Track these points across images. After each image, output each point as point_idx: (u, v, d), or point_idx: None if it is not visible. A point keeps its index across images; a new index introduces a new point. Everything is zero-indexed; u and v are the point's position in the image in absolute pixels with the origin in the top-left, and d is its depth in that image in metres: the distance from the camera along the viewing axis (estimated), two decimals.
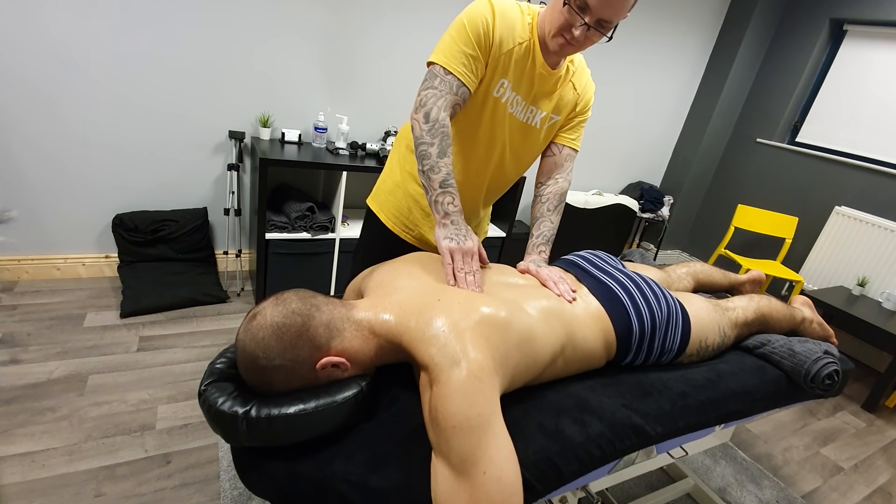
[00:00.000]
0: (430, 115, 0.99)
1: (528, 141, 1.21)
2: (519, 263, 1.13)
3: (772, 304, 1.29)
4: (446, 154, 0.99)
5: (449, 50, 1.01)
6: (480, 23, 1.01)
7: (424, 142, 0.99)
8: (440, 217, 0.98)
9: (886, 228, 2.99)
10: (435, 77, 1.02)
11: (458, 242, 0.95)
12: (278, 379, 0.76)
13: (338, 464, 0.72)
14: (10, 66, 1.93)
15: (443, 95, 1.00)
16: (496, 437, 0.68)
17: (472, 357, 0.72)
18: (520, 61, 1.08)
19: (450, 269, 0.92)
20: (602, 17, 0.94)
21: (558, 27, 0.99)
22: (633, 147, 3.80)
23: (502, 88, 1.10)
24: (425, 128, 0.99)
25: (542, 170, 1.30)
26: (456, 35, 1.02)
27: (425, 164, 0.99)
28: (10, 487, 1.29)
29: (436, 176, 0.98)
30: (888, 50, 3.18)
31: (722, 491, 1.73)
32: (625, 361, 1.04)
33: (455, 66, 1.01)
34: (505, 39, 1.05)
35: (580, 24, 0.95)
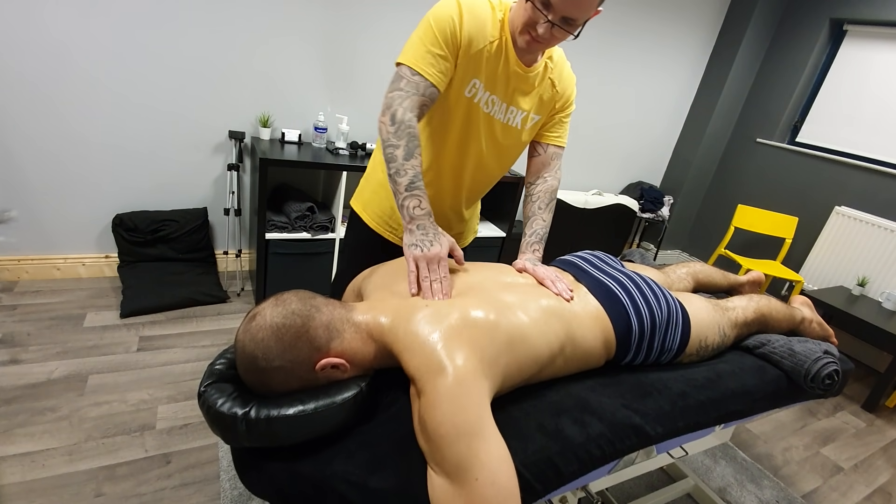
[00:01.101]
0: (395, 116, 0.97)
1: (508, 141, 1.19)
2: (515, 262, 1.13)
3: (771, 304, 1.29)
4: (413, 156, 0.96)
5: (416, 50, 0.99)
6: (447, 22, 0.99)
7: (391, 144, 0.97)
8: (406, 222, 0.95)
9: (886, 228, 2.99)
10: (401, 78, 0.99)
11: (423, 249, 0.92)
12: (278, 380, 0.76)
13: (337, 464, 0.72)
14: (10, 67, 1.93)
15: (409, 96, 0.98)
16: (486, 441, 0.68)
17: (457, 364, 0.71)
18: (492, 60, 1.05)
19: (413, 278, 0.89)
20: (566, 15, 0.92)
21: (523, 24, 0.98)
22: (633, 147, 3.80)
23: (474, 89, 1.07)
24: (391, 130, 0.97)
25: (531, 170, 1.29)
26: (423, 35, 0.99)
27: (391, 167, 0.96)
28: (10, 487, 1.29)
29: (402, 179, 0.95)
30: (888, 50, 3.18)
31: (722, 491, 1.73)
32: (624, 361, 1.04)
33: (422, 66, 0.99)
34: (475, 38, 1.02)
35: (544, 21, 0.93)
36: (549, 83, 1.17)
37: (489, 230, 3.01)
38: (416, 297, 0.88)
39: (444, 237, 0.95)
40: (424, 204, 0.96)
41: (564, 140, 1.28)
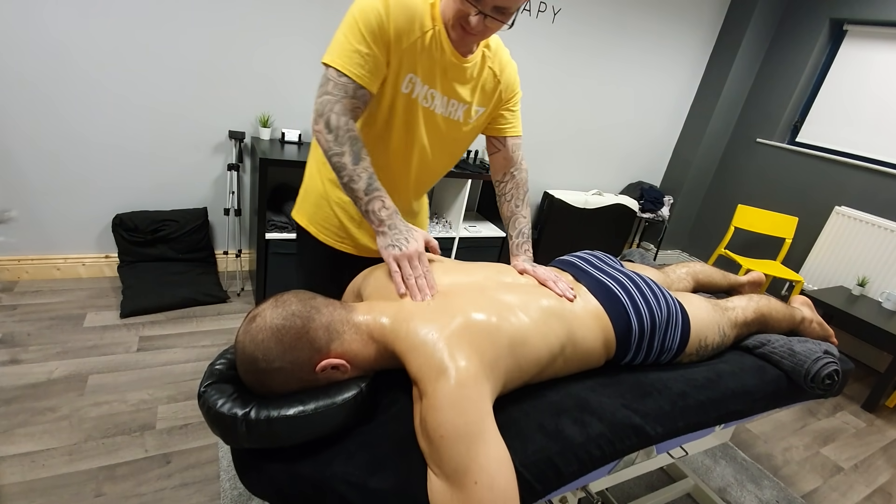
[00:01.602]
0: (330, 123, 0.92)
1: (452, 135, 1.14)
2: (514, 265, 1.12)
3: (771, 303, 1.29)
4: (361, 158, 0.93)
5: (342, 50, 0.93)
6: (373, 17, 0.92)
7: (335, 152, 0.92)
8: (376, 226, 0.93)
9: (886, 228, 2.99)
10: (328, 81, 0.94)
11: (401, 248, 0.90)
12: (278, 381, 0.76)
13: (337, 465, 0.72)
14: (10, 67, 1.93)
15: (339, 100, 0.93)
16: (486, 444, 0.67)
17: (459, 365, 0.71)
18: (427, 52, 0.99)
19: (398, 278, 0.88)
20: (497, 5, 0.88)
21: (454, 17, 0.94)
22: (633, 147, 3.80)
23: (411, 84, 1.02)
24: (329, 138, 0.92)
25: (495, 167, 1.26)
26: (348, 31, 0.93)
27: (343, 175, 0.93)
28: (10, 487, 1.29)
29: (358, 185, 0.92)
30: (888, 50, 3.18)
31: (722, 491, 1.73)
32: (624, 361, 1.04)
33: (349, 67, 0.93)
34: (404, 32, 0.96)
35: (475, 13, 0.89)
36: (489, 73, 1.11)
37: (489, 230, 3.01)
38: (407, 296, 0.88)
39: (416, 232, 0.94)
40: (388, 202, 0.93)
41: (519, 129, 1.23)
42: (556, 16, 2.97)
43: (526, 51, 2.98)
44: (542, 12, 2.92)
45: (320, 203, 1.19)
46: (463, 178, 2.70)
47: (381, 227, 0.92)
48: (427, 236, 0.96)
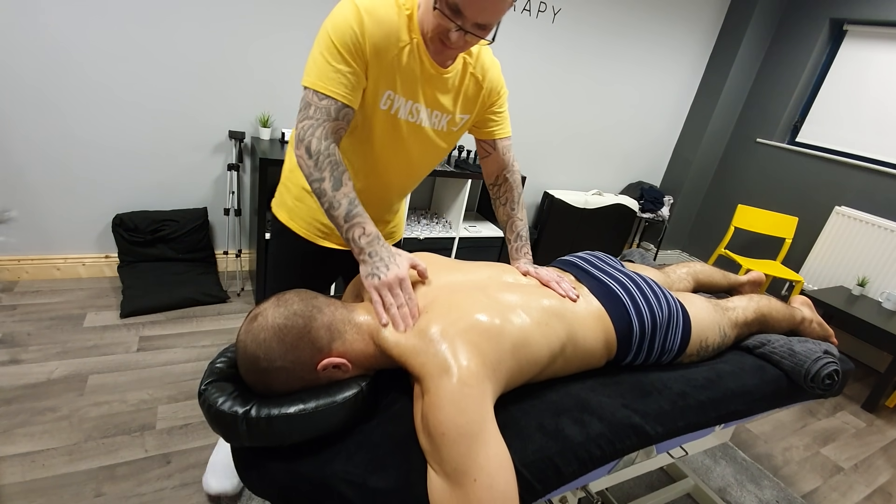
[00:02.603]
0: (311, 148, 0.90)
1: (438, 144, 1.13)
2: (514, 267, 1.11)
3: (771, 304, 1.30)
4: (341, 183, 0.91)
5: (319, 70, 0.91)
6: (348, 32, 0.90)
7: (315, 178, 0.91)
8: (356, 253, 0.90)
9: (886, 228, 2.99)
10: (309, 105, 0.92)
11: (380, 276, 0.86)
12: (279, 380, 0.76)
13: (338, 464, 0.72)
14: (11, 67, 1.93)
15: (320, 124, 0.91)
16: (486, 444, 0.68)
17: (462, 365, 0.72)
18: (407, 66, 0.98)
19: (380, 308, 0.84)
20: (478, 21, 0.87)
21: (434, 31, 0.92)
22: (633, 147, 3.80)
23: (389, 100, 1.00)
24: (310, 163, 0.91)
25: (487, 171, 1.25)
26: (325, 51, 0.91)
27: (323, 202, 0.91)
28: (10, 487, 1.29)
29: (338, 212, 0.90)
30: (888, 50, 3.18)
31: (722, 491, 1.73)
32: (625, 361, 1.04)
33: (329, 87, 0.91)
34: (382, 48, 0.94)
35: (455, 28, 0.88)
36: (471, 79, 1.09)
37: (489, 230, 3.01)
38: (421, 296, 0.88)
39: (399, 257, 0.90)
40: (369, 228, 0.90)
41: (508, 130, 1.22)
42: (556, 16, 2.97)
43: (526, 51, 2.98)
44: (542, 12, 2.92)
45: (302, 197, 1.17)
46: (463, 178, 2.70)
47: (362, 256, 0.89)
48: (413, 259, 0.92)
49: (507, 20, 2.83)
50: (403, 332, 0.80)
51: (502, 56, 2.90)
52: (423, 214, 2.99)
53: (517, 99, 3.10)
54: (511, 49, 2.92)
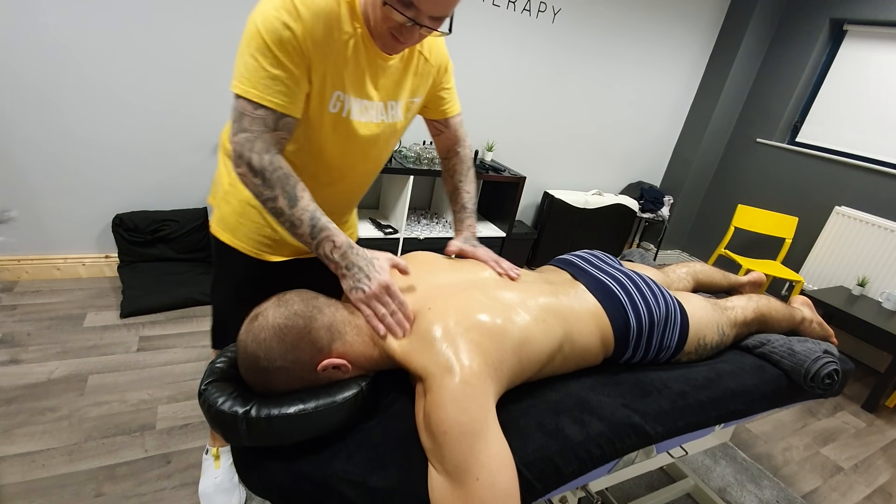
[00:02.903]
0: (253, 165, 0.81)
1: (393, 134, 1.06)
2: (450, 243, 1.08)
3: (771, 303, 1.30)
4: (297, 198, 0.83)
5: (253, 76, 0.80)
6: (283, 32, 0.79)
7: (267, 197, 0.83)
8: (333, 269, 0.85)
9: (886, 228, 2.99)
10: (243, 116, 0.81)
11: (365, 288, 0.82)
12: (279, 380, 0.76)
13: (338, 463, 0.72)
14: (11, 66, 1.93)
15: (258, 137, 0.81)
16: (489, 443, 0.68)
17: (464, 364, 0.72)
18: (353, 60, 0.88)
19: (375, 322, 0.81)
20: (433, 15, 0.81)
21: (384, 26, 0.83)
22: (633, 147, 3.80)
23: (339, 102, 0.91)
24: (256, 182, 0.82)
25: (441, 148, 1.20)
26: (257, 53, 0.79)
27: (282, 221, 0.84)
28: (10, 487, 1.29)
29: (301, 230, 0.83)
30: (888, 50, 3.18)
31: (722, 491, 1.73)
32: (623, 359, 1.04)
33: (265, 95, 0.80)
34: (324, 43, 0.84)
35: (409, 23, 0.81)
36: (420, 59, 1.01)
37: (489, 230, 3.02)
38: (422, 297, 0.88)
39: (377, 261, 0.86)
40: (339, 239, 0.84)
41: (458, 105, 1.16)
42: (556, 16, 2.97)
43: (526, 51, 2.98)
44: (542, 12, 2.92)
45: (244, 211, 1.04)
46: None
47: (340, 271, 0.85)
48: (392, 259, 0.88)
49: (506, 20, 2.83)
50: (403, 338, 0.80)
51: (502, 56, 2.90)
52: (423, 214, 2.99)
53: (518, 99, 3.10)
54: (511, 49, 2.92)
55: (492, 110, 3.05)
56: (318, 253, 0.85)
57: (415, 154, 2.63)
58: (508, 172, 2.88)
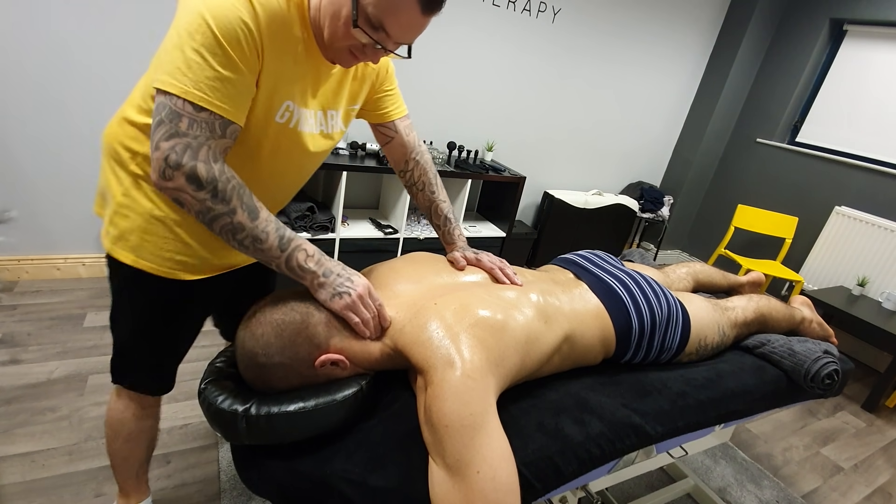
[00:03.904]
0: (199, 176, 0.69)
1: (331, 143, 0.99)
2: (453, 255, 1.05)
3: (771, 303, 1.30)
4: (257, 208, 0.74)
5: (197, 74, 0.68)
6: (240, 30, 0.69)
7: (220, 213, 0.71)
8: (308, 280, 0.79)
9: (886, 228, 2.99)
10: (179, 117, 0.68)
11: (349, 293, 0.79)
12: (277, 376, 0.76)
13: (337, 463, 0.72)
14: (12, 65, 1.93)
15: (202, 145, 0.69)
16: (490, 436, 0.68)
17: (466, 358, 0.72)
18: (302, 68, 0.82)
19: (362, 328, 0.80)
20: (403, 42, 0.79)
21: (345, 42, 0.77)
22: (633, 147, 3.80)
23: (288, 112, 0.83)
24: (203, 196, 0.70)
25: (395, 156, 1.12)
26: (204, 49, 0.68)
27: (241, 238, 0.73)
28: (10, 487, 1.29)
29: (267, 244, 0.74)
30: (888, 50, 3.18)
31: (722, 491, 1.73)
32: (624, 359, 1.04)
33: (212, 98, 0.69)
34: (279, 47, 0.76)
35: (375, 46, 0.77)
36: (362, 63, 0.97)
37: (489, 230, 3.01)
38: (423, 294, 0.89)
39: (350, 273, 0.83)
40: (309, 247, 0.79)
41: (404, 107, 1.10)
42: (556, 16, 2.97)
43: (526, 51, 2.98)
44: (542, 12, 2.92)
45: (149, 228, 0.87)
46: (463, 178, 2.70)
47: (315, 280, 0.79)
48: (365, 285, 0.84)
49: (506, 20, 2.83)
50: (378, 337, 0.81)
51: (502, 56, 2.90)
52: (424, 214, 2.99)
53: (517, 99, 3.10)
54: (511, 49, 2.92)
55: (492, 110, 3.05)
56: (288, 266, 0.77)
57: None
58: (508, 172, 2.88)
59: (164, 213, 0.86)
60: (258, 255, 0.76)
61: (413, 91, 2.71)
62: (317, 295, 0.80)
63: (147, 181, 0.85)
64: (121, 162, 0.86)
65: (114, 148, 0.87)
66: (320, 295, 0.79)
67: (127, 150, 0.86)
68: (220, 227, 0.73)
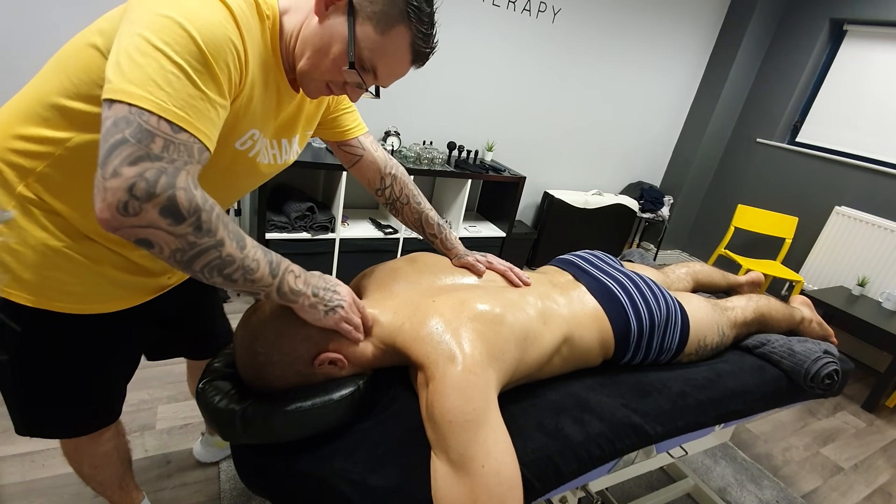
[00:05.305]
0: (176, 207, 0.56)
1: (281, 167, 0.92)
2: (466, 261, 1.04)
3: (771, 303, 1.30)
4: (242, 235, 0.65)
5: (177, 91, 0.57)
6: (229, 52, 0.62)
7: (206, 247, 0.60)
8: (301, 303, 0.73)
9: (886, 228, 2.99)
10: (152, 137, 0.55)
11: (342, 304, 0.77)
12: (276, 375, 0.76)
13: (337, 463, 0.72)
14: (13, 65, 1.93)
15: (180, 169, 0.57)
16: (493, 431, 0.69)
17: (466, 353, 0.73)
18: (269, 94, 0.76)
19: (354, 334, 0.79)
20: (383, 86, 0.79)
21: (326, 77, 0.74)
22: (633, 147, 3.80)
23: (251, 141, 0.77)
24: (184, 230, 0.58)
25: (366, 175, 1.07)
26: (187, 65, 0.57)
27: (228, 271, 0.63)
28: (10, 487, 1.29)
29: (258, 273, 0.66)
30: (888, 50, 3.18)
31: (722, 491, 1.73)
32: (623, 360, 1.04)
33: (194, 120, 0.58)
34: (256, 71, 0.70)
35: (361, 86, 0.76)
36: None
37: (489, 230, 3.01)
38: (422, 293, 0.89)
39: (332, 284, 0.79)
40: (295, 267, 0.73)
41: (363, 124, 1.06)
42: (556, 16, 2.97)
43: (526, 51, 2.98)
44: (542, 12, 2.92)
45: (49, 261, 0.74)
46: (463, 178, 2.70)
47: (308, 301, 0.74)
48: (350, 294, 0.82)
49: (506, 20, 2.83)
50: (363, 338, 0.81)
51: (502, 56, 2.91)
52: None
53: (517, 99, 3.10)
54: (511, 49, 2.92)
55: (491, 110, 3.05)
56: (280, 292, 0.70)
57: (415, 154, 2.63)
58: (508, 172, 2.88)
59: (64, 243, 0.74)
60: (246, 288, 0.67)
61: (413, 91, 2.71)
62: (307, 315, 0.75)
63: (40, 206, 0.72)
64: (4, 184, 0.72)
65: None
66: (312, 315, 0.75)
67: (13, 169, 0.71)
68: (203, 264, 0.61)
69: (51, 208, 0.73)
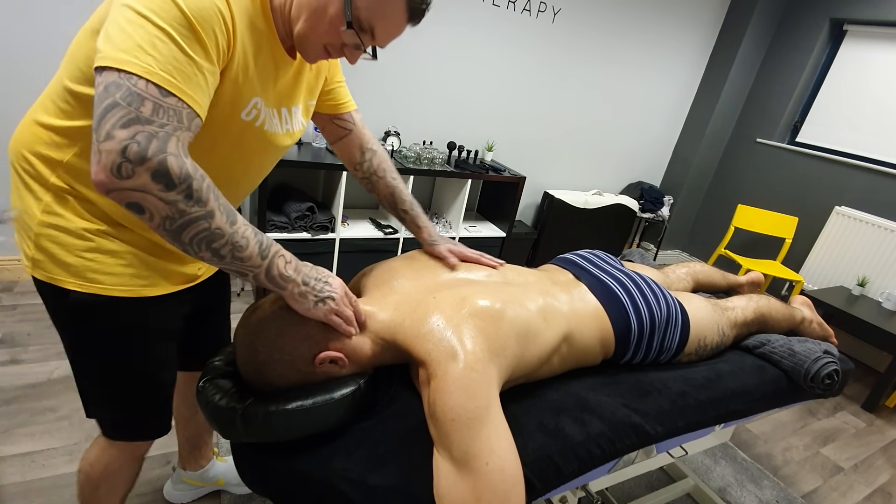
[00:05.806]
0: (167, 172, 0.57)
1: (291, 141, 0.93)
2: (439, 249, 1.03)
3: (771, 303, 1.30)
4: (233, 211, 0.65)
5: (166, 57, 0.58)
6: (214, 14, 0.62)
7: (195, 217, 0.60)
8: (290, 290, 0.72)
9: (886, 228, 2.99)
10: (142, 100, 0.56)
11: (334, 296, 0.76)
12: (276, 373, 0.76)
13: (337, 462, 0.72)
14: (12, 65, 1.93)
15: (171, 135, 0.58)
16: (496, 428, 0.69)
17: (468, 349, 0.73)
18: (267, 62, 0.76)
19: (346, 327, 0.78)
20: (381, 46, 0.79)
21: (324, 39, 0.74)
22: (633, 147, 3.80)
23: (255, 110, 0.77)
24: (174, 197, 0.58)
25: (348, 151, 1.07)
26: (172, 29, 0.59)
27: (217, 245, 0.63)
28: (10, 487, 1.29)
29: (247, 251, 0.66)
30: (888, 50, 3.18)
31: (722, 491, 1.73)
32: (623, 360, 1.04)
33: (182, 84, 0.59)
34: (247, 39, 0.70)
35: (360, 47, 0.76)
36: None
37: (489, 230, 3.01)
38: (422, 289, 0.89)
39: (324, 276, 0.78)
40: (287, 254, 0.73)
41: (353, 102, 1.06)
42: (556, 16, 2.97)
43: (526, 51, 2.98)
44: (542, 12, 2.92)
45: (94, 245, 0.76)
46: (463, 178, 2.70)
47: (297, 289, 0.73)
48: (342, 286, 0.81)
49: (506, 20, 2.83)
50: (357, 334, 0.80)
51: (502, 56, 2.90)
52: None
53: (517, 99, 3.10)
54: (511, 49, 2.92)
55: (491, 110, 3.05)
56: (269, 276, 0.69)
57: (415, 154, 2.63)
58: (508, 172, 2.88)
59: (102, 227, 0.76)
60: (234, 266, 0.66)
61: (413, 91, 2.71)
62: (296, 304, 0.74)
63: (74, 195, 0.74)
64: (37, 176, 0.74)
65: (26, 159, 0.75)
66: (301, 304, 0.74)
67: (43, 161, 0.74)
68: (192, 234, 0.61)
69: (83, 196, 0.75)
